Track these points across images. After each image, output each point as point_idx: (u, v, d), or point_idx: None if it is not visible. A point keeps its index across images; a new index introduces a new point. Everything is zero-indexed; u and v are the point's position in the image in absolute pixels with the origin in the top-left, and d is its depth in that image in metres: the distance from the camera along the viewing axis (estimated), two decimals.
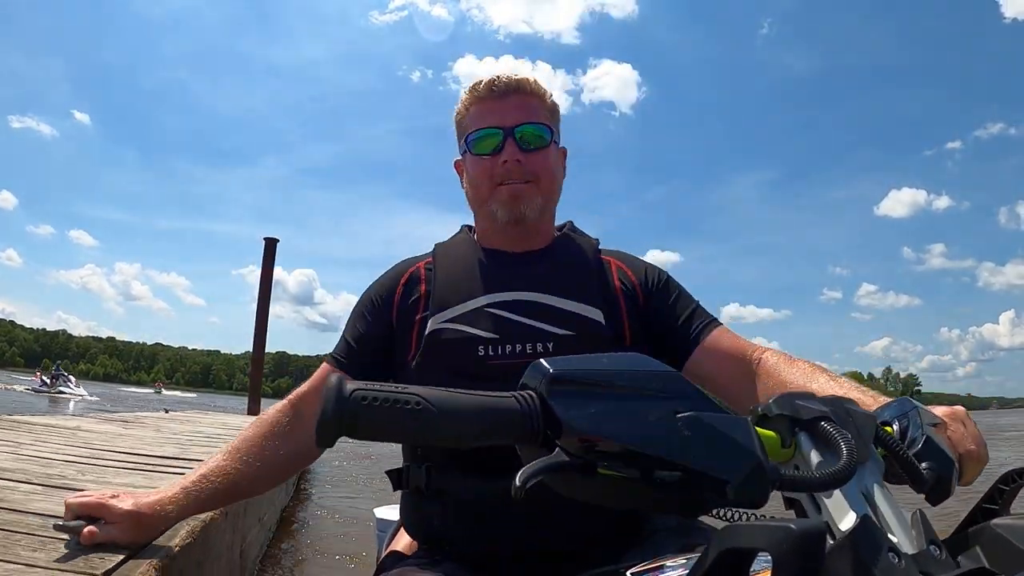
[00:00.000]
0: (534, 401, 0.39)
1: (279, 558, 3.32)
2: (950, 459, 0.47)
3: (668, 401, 0.38)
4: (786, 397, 0.44)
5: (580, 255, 1.01)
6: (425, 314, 0.94)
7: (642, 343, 0.95)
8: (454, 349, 0.90)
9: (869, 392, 0.76)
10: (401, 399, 0.37)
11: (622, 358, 0.41)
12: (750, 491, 0.37)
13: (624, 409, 0.37)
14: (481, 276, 0.96)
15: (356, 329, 1.00)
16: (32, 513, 1.30)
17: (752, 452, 0.37)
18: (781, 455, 0.44)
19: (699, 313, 0.98)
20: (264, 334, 12.00)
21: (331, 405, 0.36)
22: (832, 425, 0.41)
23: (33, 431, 3.19)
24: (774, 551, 0.31)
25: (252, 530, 2.50)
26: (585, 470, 0.37)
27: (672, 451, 0.36)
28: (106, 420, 4.84)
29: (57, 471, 1.97)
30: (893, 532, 0.39)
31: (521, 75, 1.01)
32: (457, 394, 0.39)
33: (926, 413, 0.51)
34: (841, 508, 0.40)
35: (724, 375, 0.92)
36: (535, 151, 0.97)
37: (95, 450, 2.69)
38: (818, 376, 0.82)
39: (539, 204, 0.98)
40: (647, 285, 0.99)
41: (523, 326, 0.90)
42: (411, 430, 0.37)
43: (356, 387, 0.37)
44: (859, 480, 0.41)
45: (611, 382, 0.38)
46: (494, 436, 0.39)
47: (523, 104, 0.98)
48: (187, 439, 3.82)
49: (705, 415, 0.38)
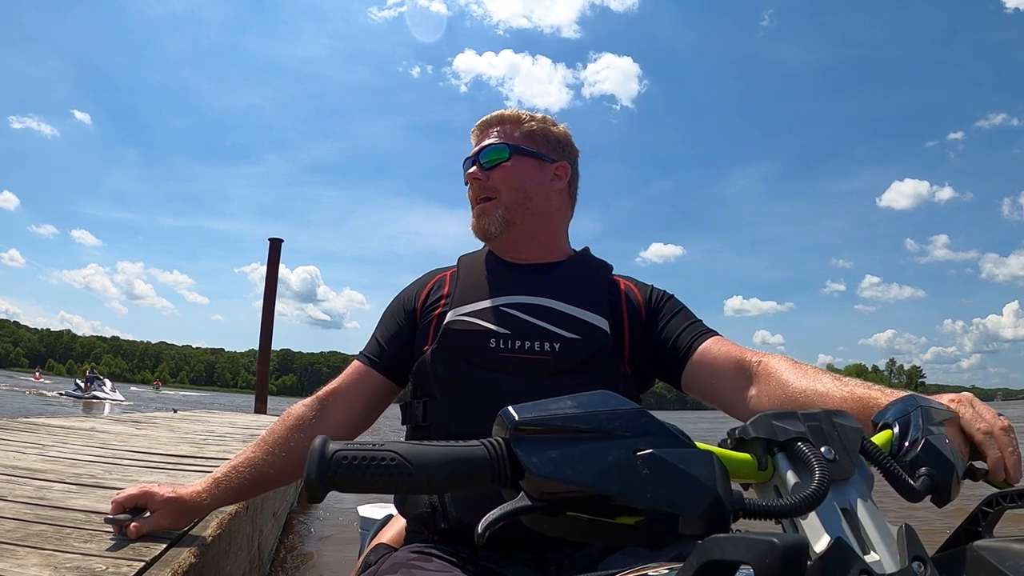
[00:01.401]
0: (501, 448, 0.40)
1: (288, 553, 3.46)
2: (949, 463, 0.46)
3: (629, 439, 0.39)
4: (763, 418, 0.44)
5: (592, 272, 1.08)
6: (444, 309, 1.02)
7: (640, 359, 1.01)
8: (468, 340, 0.96)
9: (875, 387, 0.76)
10: (378, 456, 0.39)
11: (588, 398, 0.41)
12: (708, 524, 0.37)
13: (584, 451, 0.38)
14: (499, 280, 1.04)
15: (386, 329, 1.08)
16: (74, 510, 1.43)
17: (710, 487, 0.38)
18: (758, 477, 0.44)
19: (696, 326, 1.02)
20: (270, 337, 12.14)
21: (314, 467, 0.38)
22: (808, 446, 0.41)
23: (53, 433, 3.32)
24: (756, 565, 0.31)
25: (267, 525, 2.63)
26: (549, 512, 0.38)
27: (629, 490, 0.37)
28: (118, 421, 4.97)
29: (85, 471, 2.10)
30: (875, 549, 0.39)
31: (503, 111, 1.13)
32: (429, 447, 0.41)
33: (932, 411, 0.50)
34: (816, 529, 0.40)
35: (720, 383, 0.94)
36: (492, 168, 1.07)
37: (114, 450, 2.82)
38: (822, 377, 0.82)
39: (500, 216, 1.05)
40: (650, 303, 1.05)
41: (534, 326, 0.97)
42: (389, 484, 0.39)
43: (337, 448, 0.39)
44: (839, 497, 0.41)
45: (572, 425, 0.39)
46: (466, 483, 0.40)
47: (493, 133, 1.10)
48: (200, 438, 3.94)
49: (664, 452, 0.39)
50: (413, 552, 0.88)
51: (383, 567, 0.86)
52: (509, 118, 1.11)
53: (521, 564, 0.87)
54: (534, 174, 1.08)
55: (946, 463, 0.46)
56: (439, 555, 0.87)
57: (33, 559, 1.04)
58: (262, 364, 12.42)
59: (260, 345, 12.26)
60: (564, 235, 1.15)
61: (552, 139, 1.12)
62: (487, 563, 0.87)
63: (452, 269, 1.11)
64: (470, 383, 0.94)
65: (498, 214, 1.05)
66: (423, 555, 0.87)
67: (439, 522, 0.90)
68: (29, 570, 0.98)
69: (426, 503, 0.92)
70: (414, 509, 0.94)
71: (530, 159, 1.08)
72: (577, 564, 0.86)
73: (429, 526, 0.92)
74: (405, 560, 0.85)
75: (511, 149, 1.07)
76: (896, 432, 0.49)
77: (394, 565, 0.85)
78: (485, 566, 0.87)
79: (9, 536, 1.16)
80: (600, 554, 0.87)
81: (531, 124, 1.11)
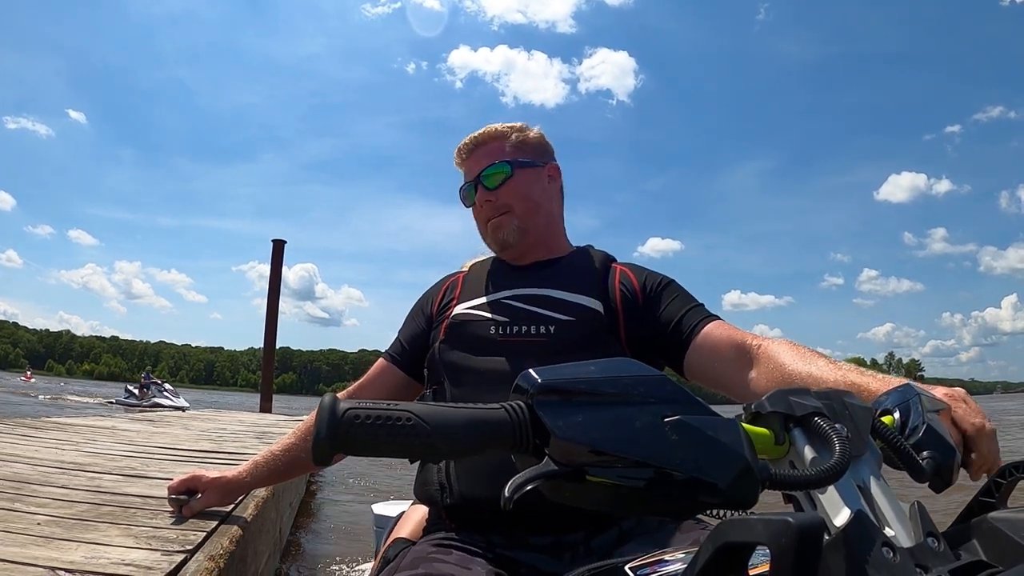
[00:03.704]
0: (523, 411, 0.39)
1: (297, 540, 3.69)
2: (951, 447, 0.46)
3: (655, 406, 0.38)
4: (779, 393, 0.44)
5: (589, 261, 1.14)
6: (454, 307, 1.11)
7: (639, 342, 1.02)
8: (472, 329, 1.05)
9: (869, 373, 0.78)
10: (393, 416, 0.38)
11: (610, 364, 0.40)
12: (739, 492, 0.37)
13: (611, 416, 0.37)
14: (502, 278, 1.13)
15: (407, 330, 1.18)
16: (130, 495, 1.68)
17: (740, 454, 0.37)
18: (775, 452, 0.43)
19: (696, 310, 1.03)
20: (274, 338, 12.38)
21: (324, 424, 0.37)
22: (825, 421, 0.41)
23: (79, 431, 3.56)
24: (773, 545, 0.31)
25: (285, 512, 2.87)
26: (574, 478, 0.37)
27: (659, 456, 0.36)
28: (135, 420, 5.23)
29: (125, 463, 2.34)
30: (890, 525, 0.38)
31: (482, 131, 1.19)
32: (448, 408, 0.40)
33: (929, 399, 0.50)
34: (835, 504, 0.39)
35: (722, 367, 0.95)
36: (500, 186, 1.13)
37: (142, 446, 3.06)
38: (817, 360, 0.84)
39: (515, 226, 1.12)
40: (646, 287, 1.08)
41: (530, 312, 1.04)
42: (404, 445, 0.38)
43: (348, 406, 0.37)
44: (854, 474, 0.40)
45: (598, 389, 0.38)
46: (485, 447, 0.39)
47: (485, 154, 1.16)
48: (216, 435, 4.19)
49: (692, 418, 0.38)
50: (432, 545, 0.90)
51: (404, 562, 0.87)
52: (491, 136, 1.17)
53: (537, 551, 0.89)
54: (537, 181, 1.15)
55: (948, 447, 0.46)
56: (458, 546, 0.89)
57: (114, 531, 1.29)
58: (267, 365, 12.62)
59: (264, 346, 12.48)
60: (564, 230, 1.21)
61: (536, 144, 1.18)
62: (504, 552, 0.90)
63: (464, 273, 1.21)
64: (474, 367, 1.01)
65: (513, 225, 1.12)
66: (442, 547, 0.89)
67: (446, 498, 0.93)
68: (115, 539, 1.23)
69: (435, 480, 0.96)
70: (425, 487, 0.98)
71: (528, 169, 1.14)
72: (593, 551, 0.88)
73: (438, 503, 0.95)
74: (425, 554, 0.87)
75: (512, 165, 1.13)
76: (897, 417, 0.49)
77: (415, 560, 0.86)
78: (503, 555, 0.89)
79: (86, 515, 1.41)
80: (616, 541, 0.89)
81: (516, 136, 1.17)
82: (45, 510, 1.44)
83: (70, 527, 1.30)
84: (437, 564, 0.83)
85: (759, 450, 0.41)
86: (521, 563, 0.89)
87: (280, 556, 2.68)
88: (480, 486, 0.90)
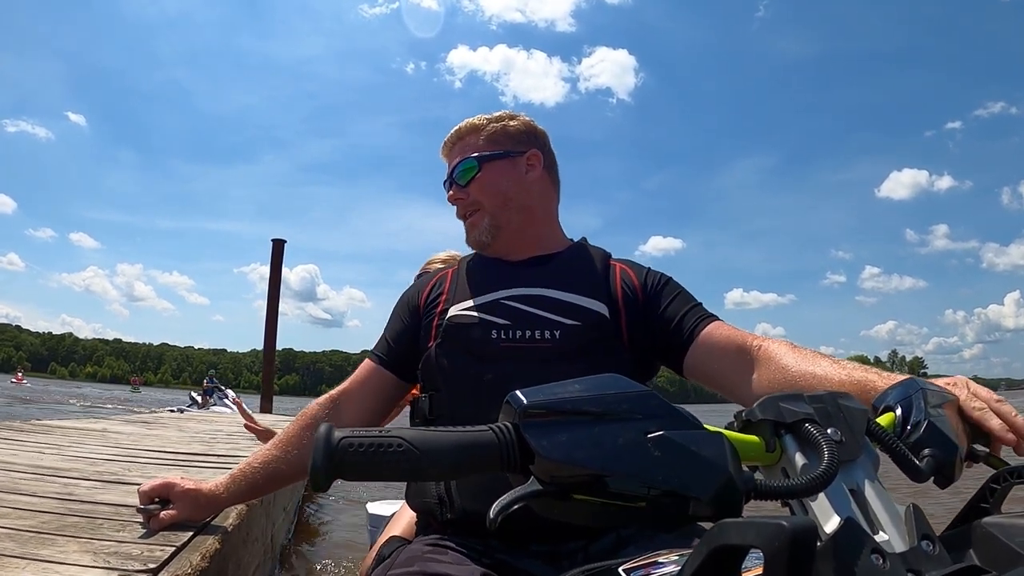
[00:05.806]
0: (510, 432, 0.40)
1: (297, 545, 3.57)
2: (953, 444, 0.46)
3: (639, 422, 0.39)
4: (770, 400, 0.44)
5: (588, 259, 1.09)
6: (445, 306, 1.04)
7: (641, 342, 1.00)
8: (470, 333, 0.98)
9: (873, 370, 0.77)
10: (384, 443, 0.39)
11: (595, 381, 0.41)
12: (721, 505, 0.37)
13: (594, 434, 0.38)
14: (497, 276, 1.06)
15: (393, 328, 1.11)
16: (102, 503, 1.53)
17: (722, 467, 0.38)
18: (767, 460, 0.43)
19: (696, 310, 1.01)
20: (274, 338, 12.27)
21: (320, 454, 0.38)
22: (816, 427, 0.41)
23: (68, 434, 3.42)
24: (766, 548, 0.31)
25: (279, 519, 2.73)
26: (559, 496, 0.38)
27: (641, 473, 0.37)
28: (128, 422, 5.10)
29: (105, 468, 2.20)
30: (883, 529, 0.38)
31: (462, 124, 1.14)
32: (437, 433, 0.41)
33: (932, 394, 0.50)
34: (825, 511, 0.39)
35: (722, 367, 0.93)
36: (469, 183, 1.09)
37: (129, 449, 2.93)
38: (820, 361, 0.82)
39: (487, 224, 1.08)
40: (646, 286, 1.04)
41: (533, 315, 0.98)
42: (396, 470, 0.39)
43: (343, 435, 0.38)
44: (848, 478, 0.40)
45: (582, 408, 0.39)
46: (475, 468, 0.40)
47: (459, 150, 1.12)
48: (209, 437, 4.06)
49: (675, 433, 0.39)
50: (428, 545, 0.89)
51: (398, 560, 0.86)
52: (468, 129, 1.13)
53: (534, 557, 0.87)
54: (508, 173, 1.09)
55: (949, 444, 0.46)
56: (453, 547, 0.88)
57: (72, 546, 1.14)
58: (267, 364, 12.56)
59: (265, 345, 12.39)
60: (555, 222, 1.15)
61: (513, 133, 1.12)
62: (500, 555, 0.88)
63: (453, 268, 1.14)
64: (474, 374, 0.95)
65: (485, 223, 1.08)
66: (438, 547, 0.88)
67: (446, 513, 0.91)
68: (71, 556, 1.08)
69: (434, 494, 0.93)
70: (423, 500, 0.95)
71: (499, 161, 1.09)
72: (592, 557, 0.86)
73: (437, 517, 0.93)
74: (420, 553, 0.86)
75: (478, 160, 1.09)
76: (899, 414, 0.49)
77: (410, 558, 0.85)
78: (499, 558, 0.87)
79: (46, 527, 1.26)
80: (614, 547, 0.87)
81: (490, 127, 1.12)
82: (3, 521, 1.30)
83: (24, 541, 1.15)
84: (432, 563, 0.82)
85: (751, 458, 0.43)
86: (518, 568, 0.87)
87: (274, 564, 2.54)
88: (481, 501, 0.85)
